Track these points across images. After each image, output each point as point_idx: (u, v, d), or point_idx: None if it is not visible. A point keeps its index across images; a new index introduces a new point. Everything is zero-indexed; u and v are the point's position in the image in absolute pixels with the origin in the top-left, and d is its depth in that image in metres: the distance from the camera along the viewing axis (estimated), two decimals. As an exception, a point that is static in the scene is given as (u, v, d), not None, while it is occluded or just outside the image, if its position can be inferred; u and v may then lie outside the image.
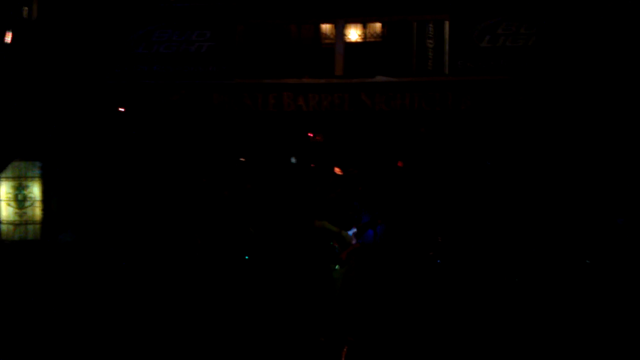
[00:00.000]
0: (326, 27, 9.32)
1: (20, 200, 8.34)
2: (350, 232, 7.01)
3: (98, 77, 8.53)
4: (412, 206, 7.75)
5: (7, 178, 8.34)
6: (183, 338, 6.49)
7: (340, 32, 8.67)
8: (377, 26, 9.32)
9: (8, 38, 8.24)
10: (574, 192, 7.66)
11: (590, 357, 5.87)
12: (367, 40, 9.41)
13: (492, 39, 8.07)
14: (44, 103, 8.36)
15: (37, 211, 8.35)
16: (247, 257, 7.58)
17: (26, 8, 8.64)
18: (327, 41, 9.39)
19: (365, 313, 6.85)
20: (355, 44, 9.30)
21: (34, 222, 8.30)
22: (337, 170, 8.38)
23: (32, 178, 8.38)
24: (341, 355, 6.16)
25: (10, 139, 8.07)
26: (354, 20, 9.05)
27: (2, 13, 8.24)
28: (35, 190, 8.36)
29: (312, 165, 8.93)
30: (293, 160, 8.75)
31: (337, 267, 6.92)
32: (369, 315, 6.85)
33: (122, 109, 8.67)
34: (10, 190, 8.35)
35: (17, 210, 8.33)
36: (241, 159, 9.14)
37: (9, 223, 8.31)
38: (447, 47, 8.32)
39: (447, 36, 8.34)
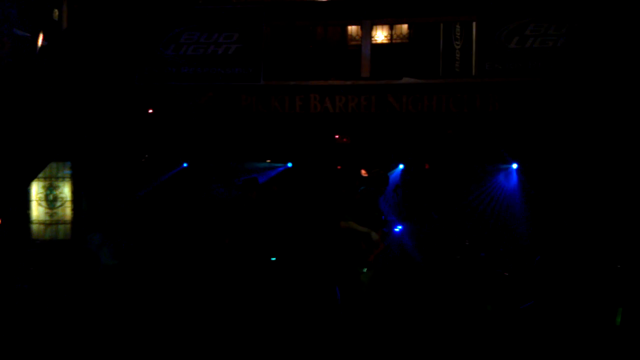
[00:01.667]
0: (352, 29, 9.30)
1: (51, 200, 8.47)
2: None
3: (127, 79, 8.62)
4: (439, 209, 7.70)
5: (38, 178, 8.45)
6: (205, 337, 6.53)
7: (366, 34, 8.63)
8: (404, 27, 9.27)
9: (40, 40, 8.35)
10: (606, 195, 7.52)
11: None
12: (394, 41, 9.36)
13: (521, 40, 7.97)
14: (74, 104, 8.46)
15: (67, 211, 8.48)
16: (273, 259, 7.60)
17: (56, 10, 8.74)
18: (353, 43, 9.37)
19: (392, 316, 6.81)
20: (382, 45, 9.26)
21: (64, 222, 8.43)
22: (363, 172, 8.36)
23: (63, 178, 8.51)
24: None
25: (46, 142, 8.19)
26: (380, 22, 9.00)
27: (33, 15, 8.36)
28: (65, 191, 8.49)
29: (338, 167, 8.92)
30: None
31: (364, 269, 6.87)
32: (396, 318, 6.81)
33: (151, 111, 8.75)
34: (42, 191, 8.48)
35: (47, 210, 8.46)
36: (268, 161, 9.19)
37: (40, 223, 8.46)
38: (474, 48, 8.24)
39: (474, 37, 8.25)
